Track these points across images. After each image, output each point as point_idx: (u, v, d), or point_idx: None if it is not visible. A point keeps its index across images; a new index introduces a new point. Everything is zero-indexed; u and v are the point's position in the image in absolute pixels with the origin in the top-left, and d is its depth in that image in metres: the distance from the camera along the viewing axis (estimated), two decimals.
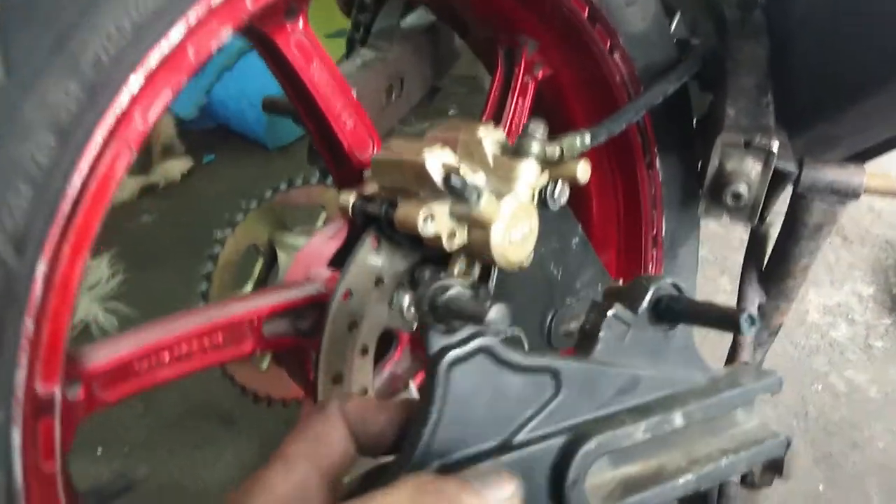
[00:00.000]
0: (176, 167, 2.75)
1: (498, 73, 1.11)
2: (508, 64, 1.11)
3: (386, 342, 0.95)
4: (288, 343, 0.88)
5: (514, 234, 0.82)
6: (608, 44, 1.08)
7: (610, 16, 1.05)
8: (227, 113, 2.84)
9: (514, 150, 0.83)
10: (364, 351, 0.86)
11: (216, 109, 2.86)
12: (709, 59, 1.15)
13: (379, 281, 0.85)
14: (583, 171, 0.88)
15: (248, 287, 1.13)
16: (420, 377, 0.95)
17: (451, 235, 0.81)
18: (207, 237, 1.08)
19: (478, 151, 0.85)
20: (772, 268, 1.31)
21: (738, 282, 1.36)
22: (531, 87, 1.12)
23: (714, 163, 0.90)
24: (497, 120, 1.10)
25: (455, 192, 0.75)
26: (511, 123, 1.09)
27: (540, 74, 1.12)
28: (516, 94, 1.09)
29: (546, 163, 0.89)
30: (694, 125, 1.22)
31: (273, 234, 1.12)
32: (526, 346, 0.95)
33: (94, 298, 2.14)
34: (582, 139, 0.89)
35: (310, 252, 0.99)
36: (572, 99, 1.20)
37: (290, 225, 1.15)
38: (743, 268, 1.35)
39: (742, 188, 0.87)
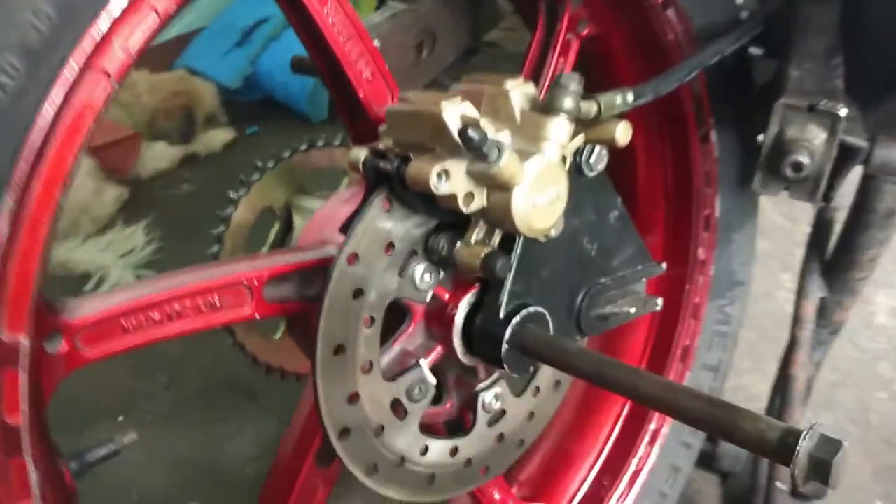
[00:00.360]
0: (218, 137, 2.72)
1: (538, 30, 1.02)
2: (550, 20, 1.02)
3: (398, 315, 0.88)
4: (293, 309, 0.82)
5: (539, 198, 0.73)
6: None
7: None
8: (272, 83, 2.80)
9: (544, 105, 0.74)
10: (370, 322, 0.78)
11: (261, 80, 2.83)
12: (774, 20, 1.04)
13: (390, 246, 0.77)
14: (623, 132, 0.79)
15: (264, 251, 1.07)
16: (432, 355, 0.87)
17: (469, 197, 0.73)
18: None
19: (504, 106, 0.76)
20: (836, 258, 1.19)
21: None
22: (574, 45, 1.02)
23: (773, 129, 0.79)
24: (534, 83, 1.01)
25: (472, 146, 0.67)
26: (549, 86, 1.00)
27: (585, 32, 1.02)
28: (557, 54, 1.00)
29: (581, 122, 0.80)
30: (756, 95, 1.10)
31: (291, 198, 1.05)
32: (551, 326, 0.86)
33: (128, 266, 2.12)
34: (623, 97, 0.80)
35: (324, 215, 0.92)
36: (621, 61, 1.10)
37: (312, 190, 1.09)
38: (804, 258, 1.23)
39: (804, 157, 0.76)
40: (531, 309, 0.83)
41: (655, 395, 0.68)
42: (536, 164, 0.72)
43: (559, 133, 0.74)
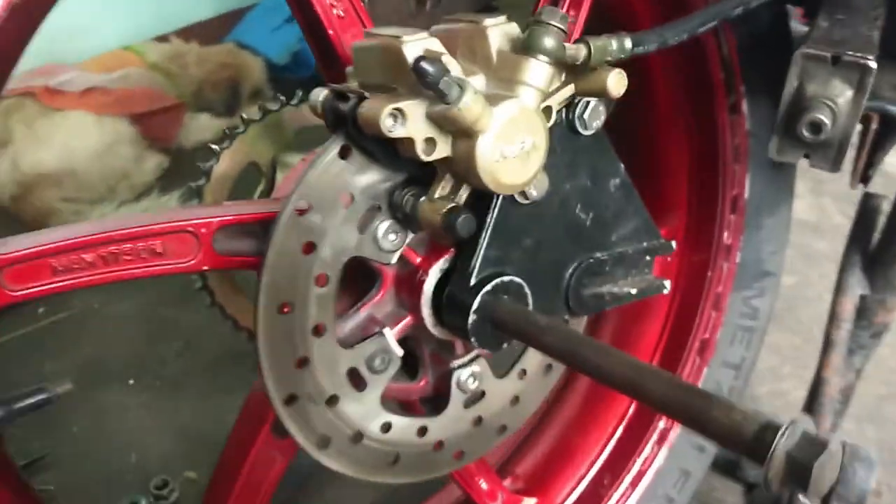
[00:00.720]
0: None
1: None
2: None
3: (369, 279, 0.81)
4: (247, 264, 0.76)
5: (508, 148, 0.65)
6: None
7: None
8: None
9: (522, 45, 0.66)
10: (325, 280, 0.71)
11: (309, 57, 2.79)
12: None
13: (348, 199, 0.70)
14: (615, 82, 0.70)
15: None
16: (400, 325, 0.79)
17: (429, 143, 0.65)
18: None
19: (481, 46, 0.68)
20: (879, 252, 1.07)
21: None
22: None
23: (792, 83, 0.68)
24: None
25: (428, 82, 0.59)
26: None
27: None
28: (568, 6, 0.90)
29: (572, 71, 0.71)
30: None
31: (277, 154, 0.99)
32: (530, 299, 0.78)
33: None
34: (620, 43, 0.71)
35: (303, 168, 0.86)
36: (644, 16, 1.00)
37: (302, 148, 1.03)
38: (845, 250, 1.11)
39: (824, 116, 0.65)
40: (506, 278, 0.75)
41: (622, 375, 0.60)
42: (507, 110, 0.64)
43: (536, 76, 0.65)
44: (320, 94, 0.70)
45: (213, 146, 0.95)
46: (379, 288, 0.81)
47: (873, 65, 0.65)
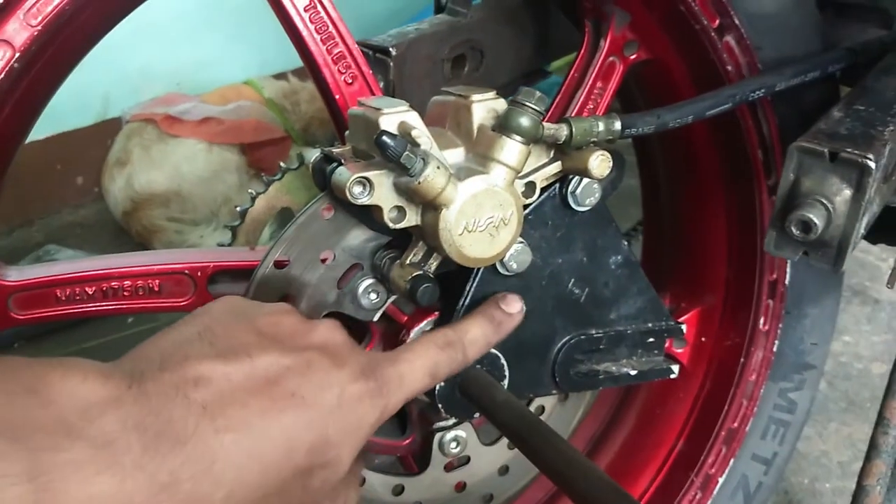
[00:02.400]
0: None
1: (582, 51, 0.93)
2: (595, 39, 0.92)
3: (360, 330, 0.83)
4: None
5: (473, 222, 0.65)
6: (717, 22, 0.85)
7: None
8: None
9: (499, 123, 0.66)
10: None
11: None
12: (871, 57, 0.87)
13: (327, 255, 0.73)
14: (598, 164, 0.69)
15: None
16: None
17: (398, 212, 0.67)
18: None
19: (464, 120, 0.70)
20: None
21: None
22: (618, 70, 0.91)
23: (788, 177, 0.65)
24: (567, 106, 0.92)
25: (387, 155, 0.61)
26: (582, 111, 0.90)
27: (634, 56, 0.91)
28: (595, 76, 0.90)
29: (560, 147, 0.71)
30: None
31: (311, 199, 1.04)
32: (507, 371, 0.77)
33: None
34: (608, 124, 0.70)
35: None
36: (685, 92, 0.97)
37: None
38: None
39: (814, 216, 0.61)
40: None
41: (554, 465, 0.58)
42: (474, 185, 0.65)
43: (508, 155, 0.66)
44: (314, 154, 0.74)
45: (251, 191, 1.01)
46: (367, 343, 0.83)
47: (872, 165, 0.61)
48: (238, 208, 1.02)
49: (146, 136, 2.37)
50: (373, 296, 0.75)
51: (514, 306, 0.70)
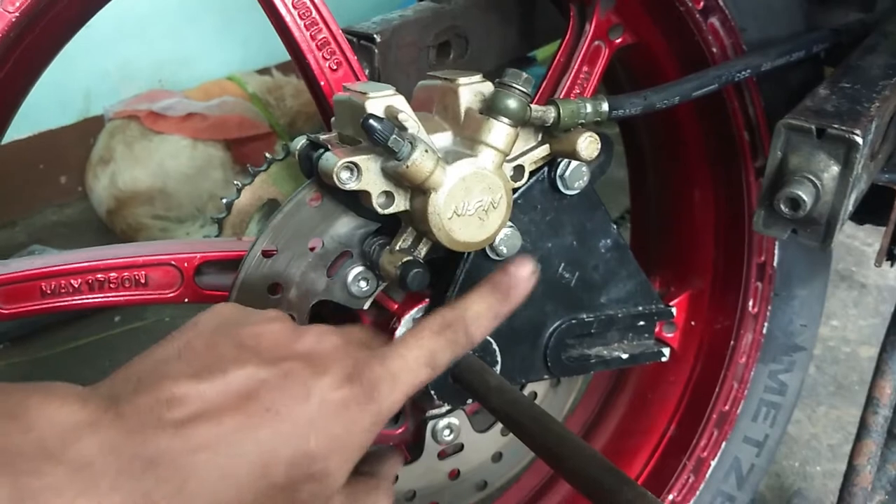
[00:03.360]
0: None
1: (568, 35, 0.92)
2: (580, 24, 0.92)
3: (351, 319, 0.82)
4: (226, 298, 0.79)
5: (462, 206, 0.65)
6: (701, 4, 0.85)
7: None
8: None
9: (486, 106, 0.66)
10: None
11: None
12: (854, 38, 0.87)
13: (316, 243, 0.72)
14: (586, 146, 0.68)
15: None
16: None
17: (387, 197, 0.66)
18: None
19: (452, 104, 0.69)
20: None
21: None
22: (604, 54, 0.91)
23: (775, 155, 0.65)
24: (553, 91, 0.92)
25: (375, 139, 0.60)
26: (568, 96, 0.90)
27: (619, 40, 0.91)
28: (581, 61, 0.89)
29: (548, 130, 0.71)
30: None
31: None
32: (499, 357, 0.77)
33: None
34: (595, 106, 0.70)
35: None
36: (671, 75, 0.97)
37: None
38: (888, 328, 1.02)
39: (803, 192, 0.61)
40: None
41: (546, 444, 0.58)
42: (462, 169, 0.64)
43: (496, 137, 0.65)
44: (299, 142, 0.73)
45: (236, 182, 1.00)
46: None
47: (859, 140, 0.61)
48: (224, 200, 1.00)
49: (129, 134, 2.35)
50: (362, 283, 0.75)
51: (524, 268, 0.58)
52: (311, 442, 0.45)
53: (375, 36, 0.90)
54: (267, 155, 1.02)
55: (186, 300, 0.77)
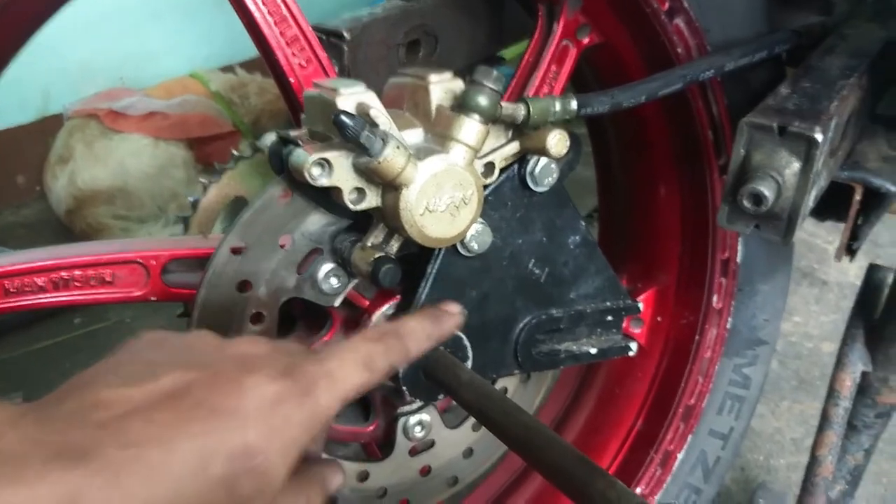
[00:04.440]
0: None
1: (536, 34, 0.93)
2: (548, 24, 0.93)
3: (321, 318, 0.82)
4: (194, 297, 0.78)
5: (434, 202, 0.65)
6: (667, 5, 0.87)
7: None
8: None
9: (457, 103, 0.66)
10: (257, 319, 0.73)
11: None
12: (814, 39, 0.89)
13: (285, 240, 0.72)
14: (556, 143, 0.69)
15: None
16: None
17: (359, 193, 0.66)
18: None
19: (423, 101, 0.69)
20: (882, 327, 1.01)
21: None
22: (571, 54, 0.92)
23: (738, 152, 0.66)
24: (522, 90, 0.92)
25: (346, 135, 0.60)
26: (537, 95, 0.90)
27: (586, 40, 0.92)
28: (549, 60, 0.90)
29: (518, 128, 0.72)
30: None
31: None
32: (470, 352, 0.77)
33: None
34: (564, 104, 0.70)
35: None
36: (637, 75, 0.99)
37: None
38: (847, 322, 1.05)
39: (765, 188, 0.63)
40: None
41: (518, 436, 0.59)
42: (432, 165, 0.65)
43: (467, 134, 0.66)
44: (269, 138, 0.72)
45: (202, 180, 0.99)
46: (328, 328, 0.82)
47: (819, 137, 0.62)
48: (190, 199, 1.00)
49: (89, 132, 2.30)
50: (333, 280, 0.75)
51: (454, 307, 0.65)
52: (250, 435, 0.45)
53: (345, 33, 0.89)
54: (234, 152, 1.02)
55: (153, 298, 0.75)
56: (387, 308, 0.78)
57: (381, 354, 0.55)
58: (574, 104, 0.71)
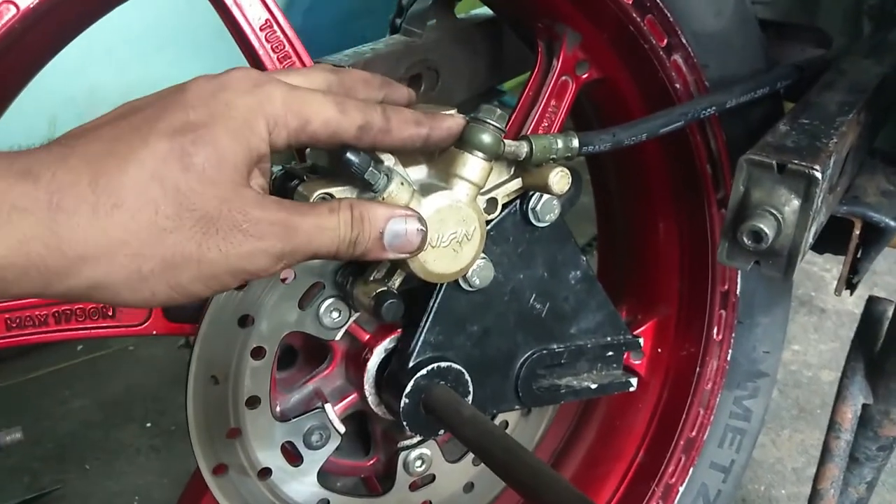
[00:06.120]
0: None
1: (536, 70, 0.94)
2: (548, 59, 0.94)
3: (322, 351, 0.82)
4: (196, 331, 0.78)
5: (438, 237, 0.66)
6: (665, 41, 0.88)
7: (667, 5, 0.85)
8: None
9: (461, 139, 0.67)
10: (258, 353, 0.73)
11: None
12: (815, 72, 0.91)
13: (289, 275, 0.72)
14: (557, 180, 0.70)
15: None
16: (345, 401, 0.80)
17: None
18: None
19: None
20: (883, 359, 1.01)
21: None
22: (571, 89, 0.93)
23: (738, 189, 0.67)
24: (522, 124, 0.93)
25: (350, 171, 0.61)
26: (537, 129, 0.91)
27: (585, 76, 0.93)
28: (548, 95, 0.91)
29: (521, 164, 0.72)
30: None
31: None
32: (471, 387, 0.77)
33: None
34: (566, 142, 0.71)
35: None
36: (637, 111, 1.00)
37: None
38: (848, 356, 1.05)
39: (765, 225, 0.63)
40: (444, 364, 0.74)
41: (521, 478, 0.58)
42: (437, 201, 0.65)
43: (470, 171, 0.66)
44: (274, 172, 0.73)
45: None
46: (329, 362, 0.82)
47: (819, 175, 0.63)
48: None
49: None
50: (335, 314, 0.75)
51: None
52: (190, 115, 0.50)
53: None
54: None
55: (155, 332, 0.76)
56: (388, 342, 0.78)
57: (357, 107, 0.57)
58: (576, 142, 0.71)
